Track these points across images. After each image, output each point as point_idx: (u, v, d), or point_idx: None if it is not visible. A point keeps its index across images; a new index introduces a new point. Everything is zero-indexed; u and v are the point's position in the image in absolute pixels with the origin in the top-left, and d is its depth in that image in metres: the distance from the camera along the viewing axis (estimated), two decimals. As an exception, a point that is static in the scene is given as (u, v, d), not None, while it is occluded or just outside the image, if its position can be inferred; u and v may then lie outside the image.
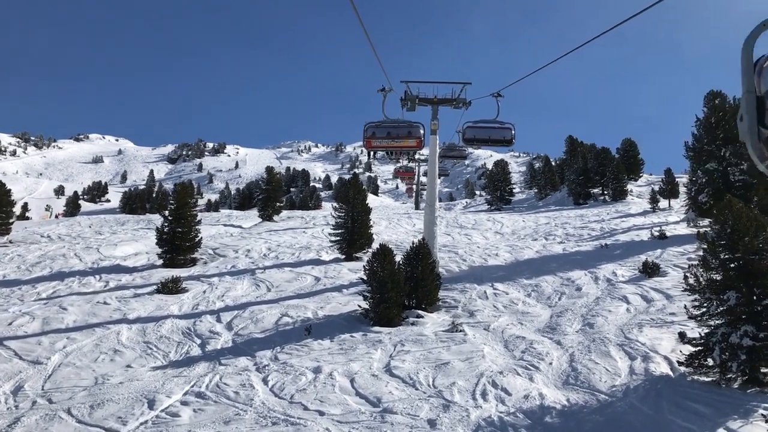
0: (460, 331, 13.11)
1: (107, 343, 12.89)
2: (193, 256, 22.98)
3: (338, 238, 21.73)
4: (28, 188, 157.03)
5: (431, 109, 19.36)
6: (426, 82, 19.28)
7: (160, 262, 22.17)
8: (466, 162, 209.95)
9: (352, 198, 21.81)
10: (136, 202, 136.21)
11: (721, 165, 22.91)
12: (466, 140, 15.62)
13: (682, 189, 39.78)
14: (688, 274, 10.34)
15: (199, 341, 13.12)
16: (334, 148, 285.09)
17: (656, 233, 23.15)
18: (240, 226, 35.73)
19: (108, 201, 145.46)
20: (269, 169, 40.43)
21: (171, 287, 16.90)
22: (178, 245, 22.29)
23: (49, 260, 23.10)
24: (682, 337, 10.60)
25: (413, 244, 15.31)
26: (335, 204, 22.13)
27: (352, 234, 21.52)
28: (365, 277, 14.23)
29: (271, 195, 38.89)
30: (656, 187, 50.24)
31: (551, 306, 15.13)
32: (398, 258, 15.01)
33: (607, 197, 44.59)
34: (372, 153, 14.17)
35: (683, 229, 25.61)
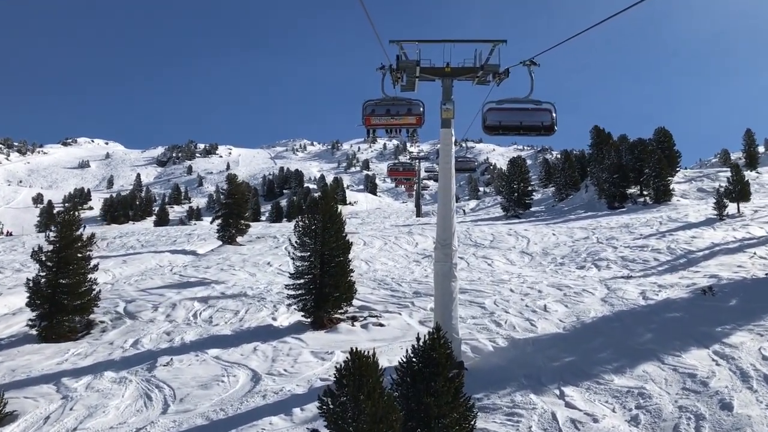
0: None
1: None
2: (90, 317, 15.53)
3: (300, 291, 14.09)
4: (6, 197, 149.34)
5: (441, 86, 11.86)
6: (430, 42, 11.82)
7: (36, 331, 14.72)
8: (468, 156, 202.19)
9: (321, 228, 14.21)
10: (118, 210, 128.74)
11: None
12: (489, 128, 11.39)
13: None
14: None
15: None
16: (330, 146, 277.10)
17: (775, 265, 15.70)
18: (194, 252, 28.19)
19: (91, 209, 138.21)
20: (231, 178, 32.80)
21: (-17, 415, 9.40)
22: (64, 305, 14.85)
23: None
24: None
25: (418, 342, 7.77)
26: (295, 238, 14.47)
27: (322, 285, 13.86)
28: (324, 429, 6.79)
29: (234, 210, 31.22)
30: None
31: (691, 457, 7.65)
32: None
33: (648, 199, 37.15)
34: (371, 131, 12.63)
35: (798, 253, 18.18)
